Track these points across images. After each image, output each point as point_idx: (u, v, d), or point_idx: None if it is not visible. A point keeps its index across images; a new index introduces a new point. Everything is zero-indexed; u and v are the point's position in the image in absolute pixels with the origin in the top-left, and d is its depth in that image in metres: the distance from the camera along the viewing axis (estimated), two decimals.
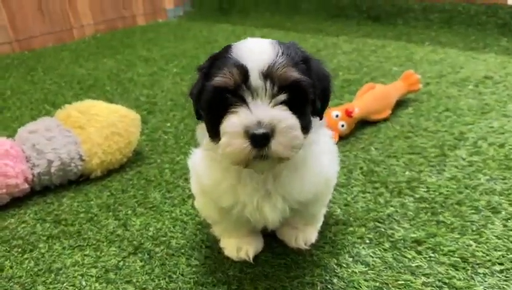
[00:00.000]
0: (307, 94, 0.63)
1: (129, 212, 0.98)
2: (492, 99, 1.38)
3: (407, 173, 1.04)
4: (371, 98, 1.30)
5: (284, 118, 0.60)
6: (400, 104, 1.40)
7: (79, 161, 1.05)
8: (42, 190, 1.07)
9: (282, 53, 0.62)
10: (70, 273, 0.81)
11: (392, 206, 0.92)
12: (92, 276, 0.80)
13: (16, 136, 1.07)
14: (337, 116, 1.21)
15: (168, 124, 1.39)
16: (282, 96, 0.61)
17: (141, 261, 0.83)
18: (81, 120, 1.07)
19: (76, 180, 1.09)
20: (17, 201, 1.04)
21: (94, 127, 1.07)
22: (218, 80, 0.61)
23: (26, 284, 0.80)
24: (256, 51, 0.62)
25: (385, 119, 1.31)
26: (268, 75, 0.60)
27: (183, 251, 0.85)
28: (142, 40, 2.47)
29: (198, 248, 0.85)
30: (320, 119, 0.71)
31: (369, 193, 0.97)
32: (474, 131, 1.20)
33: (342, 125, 1.20)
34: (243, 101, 0.60)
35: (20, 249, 0.89)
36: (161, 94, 1.65)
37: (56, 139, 1.03)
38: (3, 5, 2.30)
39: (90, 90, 1.74)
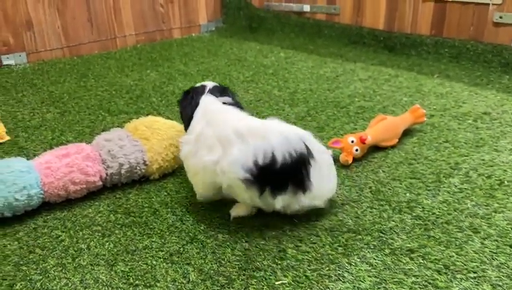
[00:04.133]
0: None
1: (184, 210, 1.22)
2: (487, 135, 1.61)
3: (407, 194, 1.27)
4: (381, 127, 1.54)
5: None
6: (407, 133, 1.62)
7: (143, 165, 1.30)
8: (111, 186, 1.32)
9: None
10: (142, 254, 1.06)
11: (393, 221, 1.16)
12: (159, 257, 1.04)
13: (93, 142, 1.32)
14: (352, 141, 1.44)
15: None
16: None
17: (197, 249, 1.07)
18: (146, 133, 1.32)
19: (138, 180, 1.34)
20: (92, 195, 1.28)
21: (156, 139, 1.32)
22: None
23: (109, 261, 1.04)
24: None
25: (393, 147, 1.54)
26: None
27: (228, 243, 1.09)
28: (179, 54, 2.72)
29: (240, 241, 1.09)
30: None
31: (375, 208, 1.21)
32: (467, 162, 1.43)
33: (356, 150, 1.44)
34: None
35: (100, 234, 1.13)
36: None
37: (126, 147, 1.28)
38: (59, 16, 2.59)
39: (139, 100, 1.99)
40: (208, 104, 1.21)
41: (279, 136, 1.05)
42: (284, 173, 1.04)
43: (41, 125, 1.76)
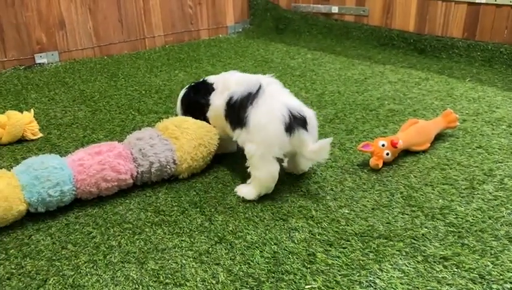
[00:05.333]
0: None
1: (212, 210, 1.22)
2: None
3: (440, 200, 1.24)
4: (413, 131, 1.51)
5: None
6: (438, 138, 1.59)
7: (173, 164, 1.31)
8: (141, 185, 1.33)
9: None
10: (172, 253, 1.06)
11: (426, 227, 1.13)
12: (189, 257, 1.05)
13: (125, 141, 1.33)
14: (383, 145, 1.42)
15: None
16: None
17: (225, 250, 1.07)
18: (176, 132, 1.33)
19: (168, 179, 1.35)
20: (122, 192, 1.30)
21: (186, 138, 1.33)
22: None
23: (140, 259, 1.05)
24: None
25: (424, 151, 1.51)
26: None
27: (256, 245, 1.08)
28: (206, 55, 2.74)
29: (268, 243, 1.08)
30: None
31: (407, 214, 1.18)
32: (502, 169, 1.39)
33: (387, 154, 1.41)
34: None
35: (131, 231, 1.14)
36: None
37: (157, 146, 1.29)
38: (91, 17, 2.65)
39: (168, 100, 2.01)
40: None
41: (247, 83, 1.31)
42: (234, 110, 1.30)
43: (73, 123, 1.79)
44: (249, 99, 1.26)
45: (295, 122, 1.21)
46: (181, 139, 1.33)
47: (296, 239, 1.10)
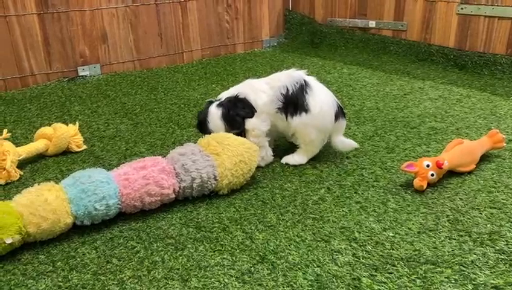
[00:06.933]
0: None
1: (252, 227, 1.22)
2: None
3: (488, 225, 1.19)
4: (458, 152, 1.47)
5: None
6: (484, 158, 1.54)
7: (214, 180, 1.32)
8: (183, 199, 1.34)
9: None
10: (215, 271, 1.06)
11: (474, 253, 1.09)
12: (231, 276, 1.04)
13: (168, 156, 1.35)
14: (428, 165, 1.38)
15: (274, 154, 1.63)
16: None
17: (267, 270, 1.06)
18: (217, 148, 1.34)
19: (208, 194, 1.36)
20: (164, 207, 1.32)
21: (227, 155, 1.34)
22: None
23: (183, 276, 1.05)
24: None
25: (470, 172, 1.46)
26: None
27: (299, 266, 1.07)
28: (242, 69, 2.76)
29: (311, 265, 1.07)
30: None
31: (454, 239, 1.15)
32: None
33: (432, 175, 1.37)
34: None
35: (173, 247, 1.15)
36: None
37: (199, 162, 1.31)
38: (132, 31, 2.73)
39: None
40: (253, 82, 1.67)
41: (287, 76, 1.54)
42: (293, 99, 1.50)
43: (115, 135, 1.84)
44: (302, 89, 1.50)
45: (340, 112, 1.55)
46: (222, 156, 1.34)
47: (339, 262, 1.08)
